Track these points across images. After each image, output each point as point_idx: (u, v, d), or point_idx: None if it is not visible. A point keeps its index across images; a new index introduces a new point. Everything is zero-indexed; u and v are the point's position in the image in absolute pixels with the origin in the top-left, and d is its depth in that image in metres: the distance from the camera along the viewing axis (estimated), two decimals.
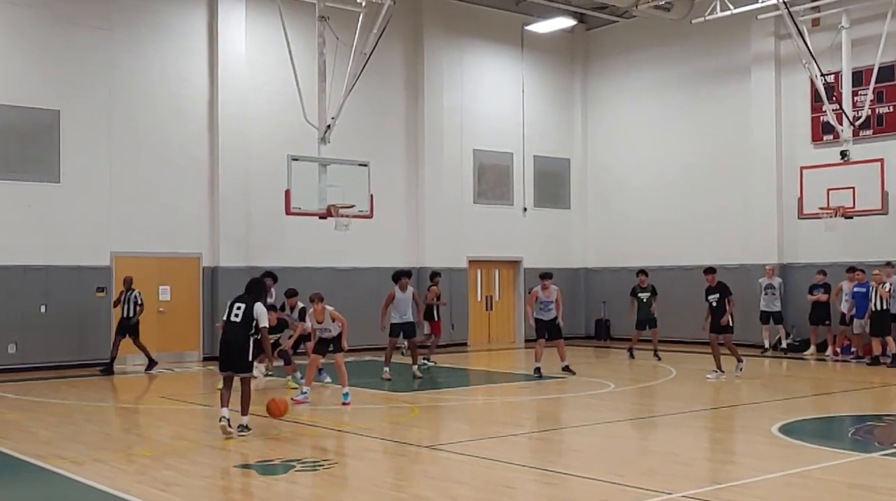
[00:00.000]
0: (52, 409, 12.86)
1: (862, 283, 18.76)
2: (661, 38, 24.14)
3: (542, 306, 16.42)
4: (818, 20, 20.70)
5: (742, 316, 21.91)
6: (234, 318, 10.59)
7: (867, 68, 19.70)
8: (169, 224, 19.60)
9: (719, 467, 8.77)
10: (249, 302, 10.67)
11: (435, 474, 8.94)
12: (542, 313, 16.46)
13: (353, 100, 18.19)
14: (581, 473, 8.53)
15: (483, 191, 24.40)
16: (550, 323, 16.43)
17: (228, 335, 10.64)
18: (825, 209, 19.41)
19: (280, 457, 9.29)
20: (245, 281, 19.86)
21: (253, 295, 10.80)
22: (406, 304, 15.99)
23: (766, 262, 21.29)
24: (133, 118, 19.27)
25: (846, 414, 12.45)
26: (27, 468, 8.98)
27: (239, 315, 10.58)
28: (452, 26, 23.71)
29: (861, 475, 8.40)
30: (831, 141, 20.46)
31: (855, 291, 18.91)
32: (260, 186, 20.34)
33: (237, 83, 20.32)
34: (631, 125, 25.16)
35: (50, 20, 18.35)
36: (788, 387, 16.19)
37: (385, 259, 21.90)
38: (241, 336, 10.57)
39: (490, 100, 24.54)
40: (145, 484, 8.18)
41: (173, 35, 19.84)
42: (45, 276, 18.07)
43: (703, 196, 23.35)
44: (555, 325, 16.40)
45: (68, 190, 18.39)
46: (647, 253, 24.25)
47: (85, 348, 18.39)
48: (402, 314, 15.89)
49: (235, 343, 10.58)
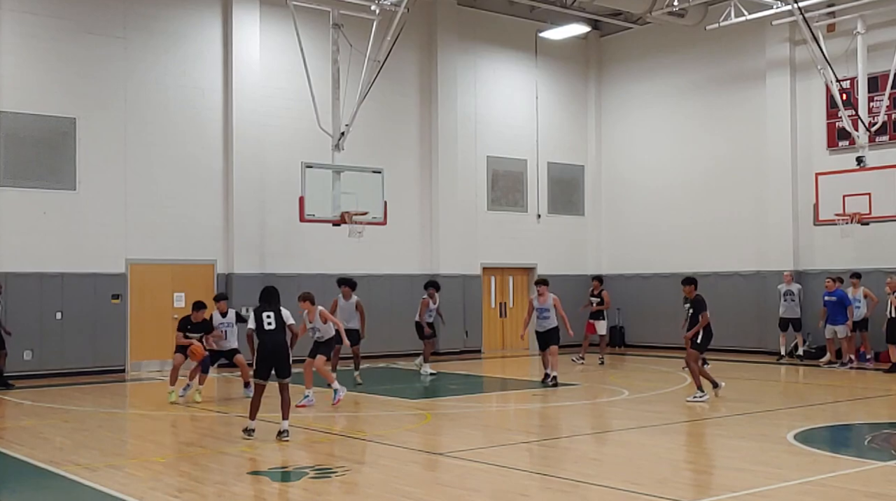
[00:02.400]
0: (66, 416, 12.90)
1: (832, 291, 18.84)
2: (676, 45, 24.09)
3: (538, 314, 15.99)
4: (833, 26, 20.60)
5: (759, 323, 21.90)
6: (269, 326, 10.89)
7: (883, 74, 19.60)
8: (184, 231, 19.67)
9: (735, 475, 8.70)
10: (276, 309, 10.99)
11: (448, 481, 8.92)
12: (540, 323, 16.04)
13: (366, 108, 18.23)
14: (595, 481, 8.49)
15: (497, 198, 24.38)
16: (549, 334, 16.02)
17: (269, 343, 10.88)
18: (841, 215, 19.30)
19: (293, 464, 9.28)
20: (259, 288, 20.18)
21: (273, 303, 11.08)
22: (349, 313, 15.60)
23: (782, 269, 21.16)
24: (148, 126, 19.36)
25: (862, 421, 12.35)
26: (42, 474, 9.01)
27: (272, 323, 10.90)
28: (466, 33, 23.73)
29: (878, 483, 8.32)
30: (847, 147, 20.34)
31: (826, 299, 18.90)
32: (274, 193, 20.39)
33: (252, 90, 20.40)
34: (645, 131, 25.11)
35: (66, 29, 18.48)
36: (804, 395, 16.09)
37: (399, 266, 21.91)
38: (282, 340, 10.93)
39: (504, 107, 24.53)
40: (159, 491, 8.20)
41: (188, 43, 19.94)
42: (60, 283, 18.16)
43: (717, 202, 23.26)
44: (553, 333, 16.00)
45: (84, 197, 18.49)
46: (662, 260, 24.18)
47: (100, 355, 18.47)
48: (345, 322, 15.17)
49: (277, 348, 10.88)
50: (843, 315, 18.67)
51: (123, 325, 18.79)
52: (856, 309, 18.88)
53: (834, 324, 18.84)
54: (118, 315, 18.76)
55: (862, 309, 19.02)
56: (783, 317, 20.31)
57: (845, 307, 18.72)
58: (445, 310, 19.30)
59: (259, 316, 10.95)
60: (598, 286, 20.01)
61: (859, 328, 19.05)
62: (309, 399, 13.36)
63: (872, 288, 19.33)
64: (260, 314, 10.97)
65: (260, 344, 10.97)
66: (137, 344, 18.89)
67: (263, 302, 11.17)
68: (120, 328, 18.76)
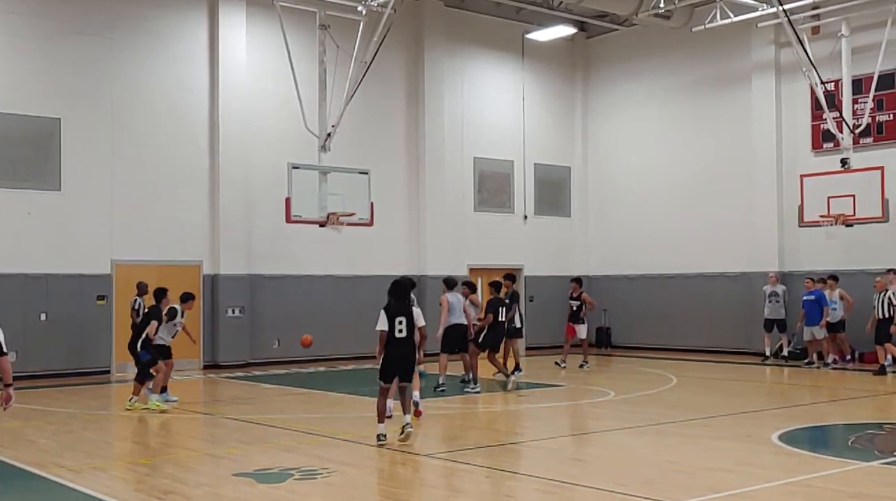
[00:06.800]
0: (51, 417, 12.85)
1: (810, 291, 18.95)
2: (662, 47, 24.17)
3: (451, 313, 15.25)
4: (818, 28, 20.72)
5: (744, 324, 22.00)
6: (400, 334, 10.22)
7: (867, 76, 19.71)
8: (169, 232, 19.61)
9: (720, 475, 8.74)
10: (407, 310, 10.33)
11: (434, 483, 8.93)
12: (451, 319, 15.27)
13: (353, 109, 18.20)
14: (581, 482, 8.51)
15: (484, 199, 24.40)
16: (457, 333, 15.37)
17: (399, 351, 10.30)
18: (826, 217, 19.38)
19: (278, 466, 9.27)
20: (245, 289, 20.22)
21: (405, 300, 10.43)
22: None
23: (767, 270, 21.25)
24: (134, 126, 19.30)
25: (846, 422, 12.41)
26: (26, 476, 8.97)
27: (403, 330, 10.21)
28: (453, 34, 23.74)
29: (861, 483, 8.37)
30: (832, 149, 20.45)
31: (804, 299, 19.00)
32: (260, 194, 20.36)
33: (238, 91, 20.35)
34: (631, 133, 25.18)
35: (51, 29, 18.40)
36: (789, 395, 16.17)
37: (386, 267, 21.88)
38: (411, 348, 10.38)
39: (490, 108, 24.56)
40: (144, 493, 8.17)
41: (174, 43, 19.89)
42: (45, 284, 18.08)
43: (703, 203, 23.34)
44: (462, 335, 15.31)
45: (69, 198, 18.41)
46: (648, 262, 24.27)
47: (85, 356, 18.38)
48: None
49: (407, 357, 10.38)
50: (820, 315, 18.77)
51: (109, 327, 18.71)
52: (832, 310, 18.98)
53: (810, 325, 18.94)
54: (103, 316, 18.68)
55: (838, 310, 19.11)
56: (768, 318, 20.39)
57: (822, 307, 18.81)
58: (431, 311, 19.27)
59: (391, 321, 10.17)
60: (577, 288, 19.76)
61: (835, 329, 19.14)
62: None
63: (856, 289, 19.43)
64: (393, 318, 10.18)
65: (388, 352, 10.27)
66: (123, 346, 18.67)
67: (395, 299, 10.39)
68: (105, 329, 18.68)
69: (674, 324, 23.59)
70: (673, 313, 23.64)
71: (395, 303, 10.30)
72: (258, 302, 20.39)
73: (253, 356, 20.35)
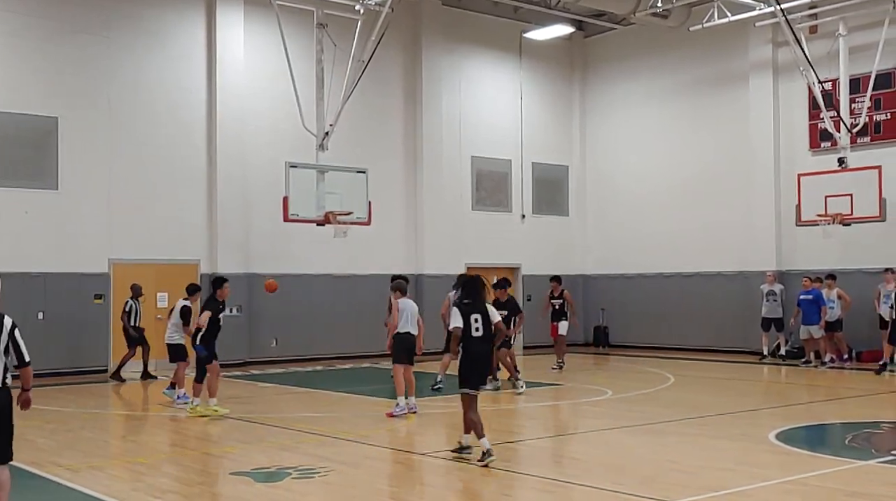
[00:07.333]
0: (49, 416, 12.82)
1: (808, 290, 18.96)
2: (659, 46, 24.17)
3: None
4: (815, 27, 20.74)
5: (742, 323, 22.02)
6: (477, 333, 9.46)
7: (864, 76, 19.72)
8: (167, 231, 19.60)
9: (717, 474, 8.75)
10: (482, 308, 9.57)
11: (431, 481, 8.93)
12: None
13: (351, 108, 18.20)
14: (579, 481, 8.52)
15: (481, 198, 24.41)
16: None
17: (480, 352, 9.49)
18: (823, 216, 19.42)
19: (276, 465, 9.27)
20: (243, 288, 20.21)
21: (480, 299, 9.65)
22: None
23: (765, 269, 21.27)
24: (131, 125, 19.29)
25: (843, 421, 12.42)
26: (23, 476, 8.95)
27: (480, 328, 9.47)
28: (451, 33, 23.74)
29: (858, 482, 8.38)
30: (829, 148, 20.48)
31: (801, 298, 19.00)
32: (258, 193, 20.35)
33: (235, 90, 20.35)
34: (629, 132, 25.19)
35: (49, 28, 18.38)
36: (786, 394, 16.18)
37: (384, 266, 21.88)
38: (489, 348, 9.76)
39: (488, 108, 24.56)
40: (141, 492, 8.17)
41: (172, 42, 19.87)
42: (42, 283, 18.06)
43: (700, 202, 23.36)
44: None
45: (66, 197, 18.40)
46: (646, 261, 24.28)
47: (83, 355, 18.37)
48: None
49: (487, 358, 9.68)
50: (818, 314, 18.77)
51: (106, 325, 18.69)
52: (829, 309, 18.99)
53: (808, 324, 18.95)
54: (101, 315, 18.67)
55: (836, 309, 19.12)
56: (766, 317, 20.41)
57: (819, 307, 18.82)
58: (430, 311, 19.24)
59: (466, 318, 9.43)
60: (558, 287, 19.48)
61: (833, 328, 19.15)
62: None
63: (854, 288, 19.46)
64: (468, 315, 9.45)
65: (466, 352, 9.48)
66: (120, 345, 18.75)
67: (468, 296, 9.66)
68: (103, 328, 18.67)
69: (671, 323, 23.61)
70: (671, 312, 23.66)
71: (468, 300, 9.57)
72: (256, 301, 20.38)
73: (251, 355, 20.36)
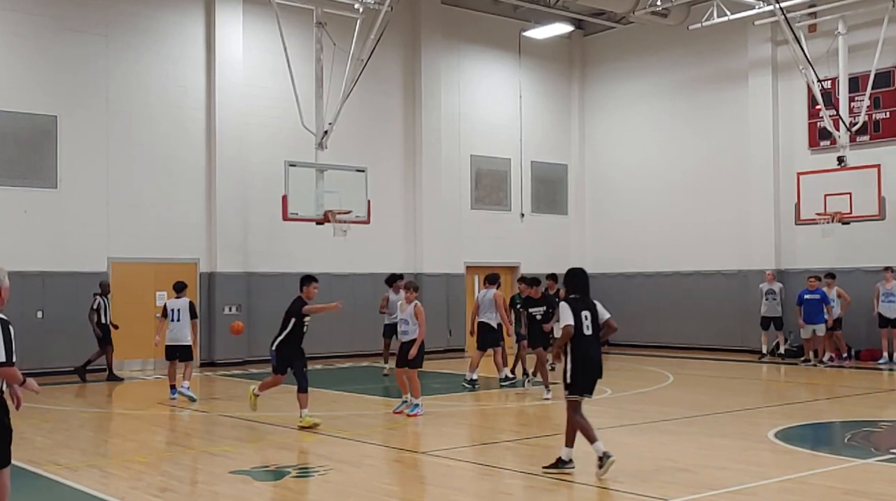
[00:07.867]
0: (47, 415, 12.82)
1: (813, 290, 18.95)
2: (659, 44, 24.17)
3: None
4: (815, 26, 20.74)
5: (741, 321, 22.03)
6: (587, 331, 8.60)
7: (864, 74, 19.72)
8: (166, 230, 19.59)
9: (716, 473, 8.74)
10: (591, 304, 8.79)
11: (431, 480, 8.93)
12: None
13: (350, 106, 18.20)
14: (578, 480, 8.51)
15: (480, 197, 24.40)
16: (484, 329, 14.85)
17: (591, 353, 8.66)
18: (822, 215, 19.43)
19: (275, 463, 9.26)
20: (242, 286, 20.19)
21: (588, 295, 8.87)
22: None
23: (764, 268, 21.27)
24: (130, 124, 19.27)
25: (842, 419, 12.43)
26: (22, 474, 8.95)
27: (589, 326, 8.63)
28: (450, 32, 23.73)
29: (857, 481, 8.38)
30: (828, 146, 20.47)
31: (806, 298, 19.00)
32: (257, 192, 20.34)
33: (234, 89, 20.33)
34: (628, 131, 25.18)
35: (48, 27, 18.36)
36: (785, 393, 16.18)
37: (383, 265, 21.87)
38: (600, 349, 8.84)
39: (487, 106, 24.56)
40: (140, 490, 8.17)
41: (171, 42, 19.85)
42: (41, 282, 18.04)
43: (700, 201, 23.36)
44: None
45: (65, 196, 18.38)
46: (645, 259, 24.28)
47: (81, 354, 18.32)
48: None
49: (599, 360, 8.74)
50: (822, 314, 18.78)
51: None
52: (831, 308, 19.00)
53: (813, 323, 18.94)
54: None
55: (836, 308, 19.14)
56: (765, 316, 20.41)
57: (824, 306, 18.83)
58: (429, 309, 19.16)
59: (578, 315, 8.58)
60: (554, 285, 19.33)
61: (832, 327, 19.15)
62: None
63: (852, 287, 19.47)
64: (578, 313, 8.60)
65: (577, 354, 8.59)
66: (119, 344, 18.76)
67: (575, 290, 8.82)
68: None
69: (670, 322, 23.61)
70: (670, 311, 23.66)
71: (576, 298, 8.74)
72: (255, 299, 20.36)
73: (250, 354, 20.32)
